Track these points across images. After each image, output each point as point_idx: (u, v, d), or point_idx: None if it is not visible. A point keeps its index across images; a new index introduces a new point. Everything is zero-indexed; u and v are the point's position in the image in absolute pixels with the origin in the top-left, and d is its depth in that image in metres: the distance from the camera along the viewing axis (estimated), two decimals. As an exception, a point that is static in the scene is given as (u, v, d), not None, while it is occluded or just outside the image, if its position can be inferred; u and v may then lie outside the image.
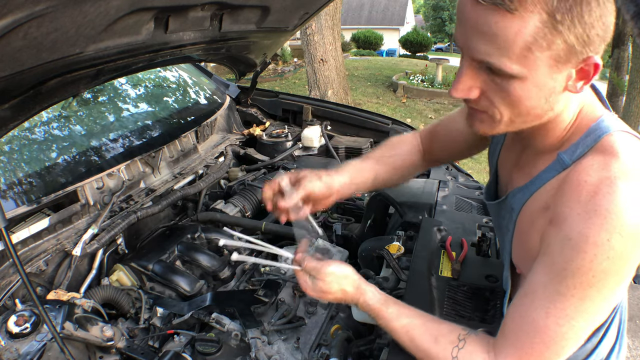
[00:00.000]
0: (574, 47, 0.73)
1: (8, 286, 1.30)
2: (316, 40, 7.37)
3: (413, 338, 0.94)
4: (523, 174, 0.94)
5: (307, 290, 1.07)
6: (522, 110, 0.80)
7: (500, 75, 0.77)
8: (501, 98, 0.80)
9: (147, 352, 1.27)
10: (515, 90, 0.77)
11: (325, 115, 2.66)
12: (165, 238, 1.71)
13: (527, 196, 0.90)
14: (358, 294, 1.04)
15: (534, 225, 0.87)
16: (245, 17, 1.61)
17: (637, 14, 0.78)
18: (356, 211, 2.07)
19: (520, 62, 0.74)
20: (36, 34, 0.91)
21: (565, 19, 0.70)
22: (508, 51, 0.73)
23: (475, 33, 0.75)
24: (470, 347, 0.88)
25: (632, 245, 0.74)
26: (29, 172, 1.59)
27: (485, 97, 0.81)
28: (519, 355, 0.83)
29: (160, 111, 2.35)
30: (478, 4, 0.72)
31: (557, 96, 0.79)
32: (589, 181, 0.76)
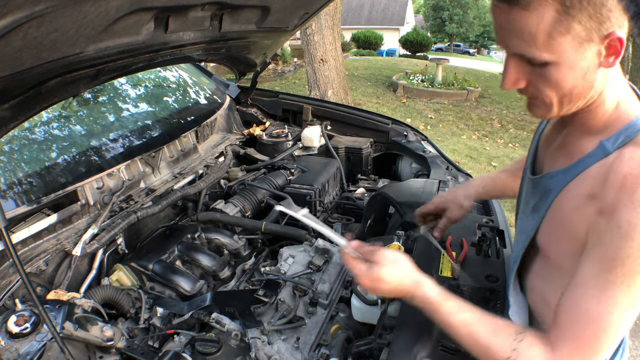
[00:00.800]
0: (590, 27, 0.80)
1: (8, 286, 1.30)
2: (316, 40, 7.37)
3: (472, 332, 0.94)
4: (564, 155, 0.98)
5: (360, 278, 1.01)
6: (565, 92, 0.87)
7: (536, 64, 0.85)
8: (544, 84, 0.88)
9: (147, 352, 1.27)
10: (552, 74, 0.85)
11: (325, 115, 2.66)
12: (165, 238, 1.71)
13: (567, 179, 0.93)
14: (415, 286, 1.01)
15: (578, 211, 0.89)
16: (245, 17, 1.61)
17: (637, 13, 0.82)
18: (356, 211, 2.07)
19: (547, 50, 0.82)
20: (36, 34, 0.91)
21: (574, 3, 0.77)
22: (535, 42, 0.82)
23: (506, 32, 0.86)
24: (529, 339, 0.90)
25: None
26: (29, 172, 1.59)
27: (532, 86, 0.90)
28: (575, 345, 0.86)
29: (160, 111, 2.35)
30: (500, 7, 0.83)
31: (593, 74, 0.86)
32: (633, 174, 0.81)
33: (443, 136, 7.42)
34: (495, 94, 11.10)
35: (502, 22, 0.85)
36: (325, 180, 2.11)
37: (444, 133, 7.65)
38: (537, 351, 0.88)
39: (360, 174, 2.45)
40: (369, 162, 2.48)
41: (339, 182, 2.31)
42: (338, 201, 2.15)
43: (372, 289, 1.02)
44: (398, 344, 1.07)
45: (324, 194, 2.10)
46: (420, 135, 2.52)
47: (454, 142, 7.03)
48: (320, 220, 1.33)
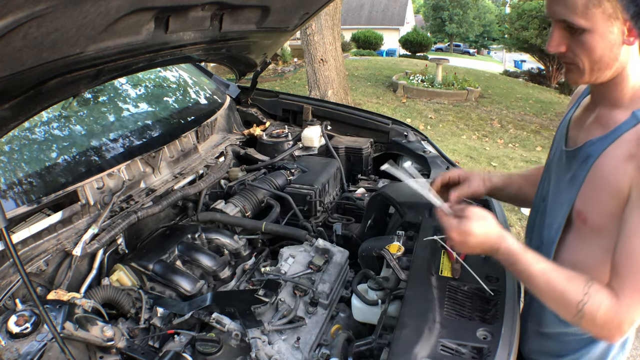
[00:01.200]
0: (616, 5, 0.93)
1: (8, 286, 1.30)
2: (316, 40, 7.36)
3: (549, 280, 1.02)
4: (600, 127, 1.08)
5: (451, 232, 1.10)
6: (595, 58, 1.01)
7: (575, 30, 0.99)
8: (580, 49, 1.01)
9: (147, 352, 1.27)
10: (587, 40, 0.99)
11: (326, 115, 2.66)
12: (166, 238, 1.71)
13: (605, 145, 1.03)
14: (500, 239, 1.08)
15: (619, 170, 1.00)
16: (246, 17, 1.61)
17: (637, 14, 0.89)
18: (356, 211, 2.07)
19: (584, 17, 0.97)
20: (36, 34, 0.91)
21: None
22: (575, 9, 0.97)
23: (553, 1, 1.01)
24: (597, 285, 0.99)
25: None
26: (29, 172, 1.59)
27: (570, 51, 1.04)
28: (636, 288, 0.95)
29: (161, 111, 2.35)
30: None
31: (618, 48, 0.99)
32: None
33: (443, 136, 7.42)
34: (495, 94, 11.10)
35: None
36: (325, 180, 2.11)
37: (444, 133, 7.65)
38: (604, 295, 0.97)
39: (360, 174, 2.45)
40: (369, 162, 2.48)
41: (339, 182, 2.31)
42: (338, 201, 2.15)
43: (460, 243, 1.10)
44: (398, 344, 1.07)
45: (324, 194, 2.10)
46: (420, 135, 2.52)
47: (454, 142, 7.03)
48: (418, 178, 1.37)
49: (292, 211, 1.95)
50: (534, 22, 20.67)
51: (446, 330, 1.11)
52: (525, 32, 20.84)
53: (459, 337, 1.09)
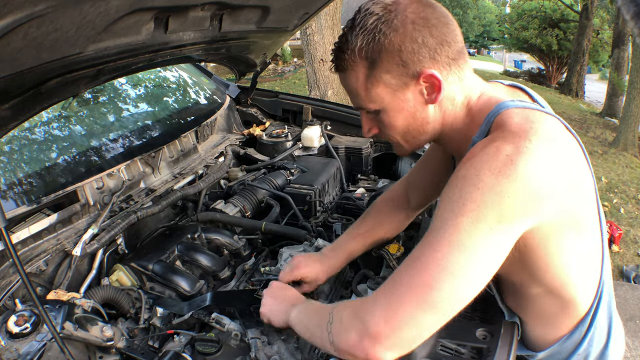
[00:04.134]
0: (398, 73, 0.94)
1: (8, 286, 1.30)
2: (316, 40, 7.36)
3: (304, 318, 1.11)
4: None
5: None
6: (401, 130, 1.02)
7: (373, 113, 1.02)
8: (385, 128, 1.04)
9: (147, 352, 1.27)
10: (384, 119, 1.01)
11: (326, 115, 2.66)
12: (165, 238, 1.71)
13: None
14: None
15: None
16: (245, 17, 1.61)
17: (637, 14, 0.84)
18: (356, 211, 2.07)
19: (372, 101, 0.99)
20: (36, 34, 0.91)
21: (377, 58, 0.93)
22: (361, 96, 1.00)
23: (347, 92, 1.05)
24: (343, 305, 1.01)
25: (505, 181, 0.82)
26: (29, 172, 1.59)
27: (380, 131, 1.06)
28: (391, 294, 0.89)
29: (160, 111, 2.35)
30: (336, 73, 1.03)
31: (424, 111, 0.99)
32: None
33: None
34: (495, 94, 11.07)
35: (342, 84, 1.04)
36: (325, 180, 2.11)
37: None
38: (347, 305, 1.00)
39: (360, 174, 2.45)
40: (369, 162, 2.48)
41: (339, 182, 2.31)
42: (338, 201, 2.15)
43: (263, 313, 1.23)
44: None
45: (324, 194, 2.10)
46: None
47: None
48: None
49: (291, 211, 1.95)
50: (534, 22, 20.68)
51: (445, 330, 1.10)
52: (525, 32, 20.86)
53: (459, 337, 1.09)
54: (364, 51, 0.94)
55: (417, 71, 0.93)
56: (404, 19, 0.91)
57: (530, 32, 20.55)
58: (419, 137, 1.04)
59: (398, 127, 1.02)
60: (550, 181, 0.86)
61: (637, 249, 5.09)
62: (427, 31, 0.92)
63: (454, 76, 0.97)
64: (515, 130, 0.87)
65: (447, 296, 0.84)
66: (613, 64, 13.69)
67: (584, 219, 0.97)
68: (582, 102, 16.07)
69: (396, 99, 0.97)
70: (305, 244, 1.68)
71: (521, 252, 0.94)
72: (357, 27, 0.95)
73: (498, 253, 0.86)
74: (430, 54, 0.92)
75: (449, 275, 0.83)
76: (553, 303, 1.06)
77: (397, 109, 0.99)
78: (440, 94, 0.95)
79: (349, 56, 0.97)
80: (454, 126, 1.03)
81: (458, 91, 1.00)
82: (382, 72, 0.95)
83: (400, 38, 0.91)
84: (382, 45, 0.92)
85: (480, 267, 0.84)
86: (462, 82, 0.99)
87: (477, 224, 0.82)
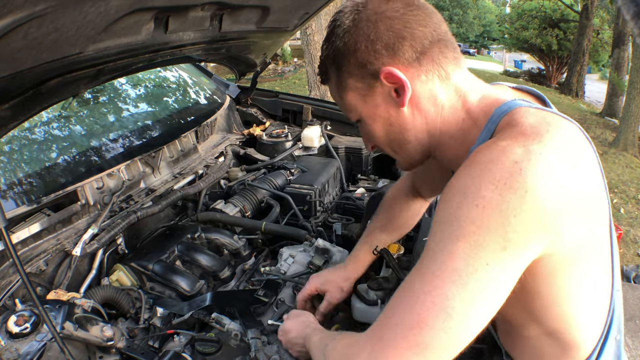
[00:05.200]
0: (359, 74, 0.88)
1: (8, 286, 1.30)
2: (316, 40, 7.37)
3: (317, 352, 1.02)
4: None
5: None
6: (384, 140, 0.95)
7: (356, 124, 0.98)
8: (372, 138, 0.97)
9: (147, 352, 1.27)
10: (364, 129, 0.97)
11: (325, 115, 2.66)
12: (165, 238, 1.71)
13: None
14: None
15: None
16: (245, 17, 1.61)
17: (637, 14, 0.82)
18: (356, 211, 2.07)
19: (348, 110, 0.95)
20: (36, 34, 0.91)
21: (339, 63, 0.89)
22: (341, 106, 0.96)
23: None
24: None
25: (512, 197, 0.67)
26: (29, 172, 1.59)
27: (375, 145, 0.99)
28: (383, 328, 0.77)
29: (160, 111, 2.35)
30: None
31: (399, 116, 0.89)
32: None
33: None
34: (495, 94, 11.07)
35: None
36: (325, 180, 2.11)
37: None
38: (342, 337, 0.93)
39: (360, 174, 2.45)
40: (369, 162, 2.48)
41: (339, 182, 2.31)
42: (338, 201, 2.15)
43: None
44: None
45: (324, 194, 2.10)
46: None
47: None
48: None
49: (291, 211, 1.95)
50: (534, 22, 20.69)
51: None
52: (525, 32, 20.86)
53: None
54: (330, 58, 0.91)
55: (375, 70, 0.85)
56: (357, 18, 0.85)
57: (530, 32, 20.56)
58: (404, 147, 0.94)
59: (379, 137, 0.94)
60: (565, 198, 0.70)
61: (637, 249, 5.09)
62: (383, 25, 0.83)
63: (428, 74, 0.86)
64: (527, 132, 0.73)
65: (441, 337, 0.70)
66: (613, 64, 13.69)
67: (598, 244, 0.82)
68: (582, 102, 16.07)
69: (368, 105, 0.91)
70: (305, 244, 1.68)
71: (523, 286, 0.77)
72: (325, 38, 0.93)
73: (502, 287, 0.72)
74: (387, 50, 0.83)
75: (442, 314, 0.69)
76: (552, 345, 0.90)
77: (372, 117, 0.92)
78: (406, 93, 0.85)
79: (322, 66, 0.95)
80: (445, 132, 0.90)
81: (440, 90, 0.88)
82: (347, 76, 0.90)
83: (354, 38, 0.85)
84: (339, 49, 0.88)
85: (480, 304, 0.71)
86: (445, 80, 0.88)
87: (477, 252, 0.68)
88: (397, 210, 1.43)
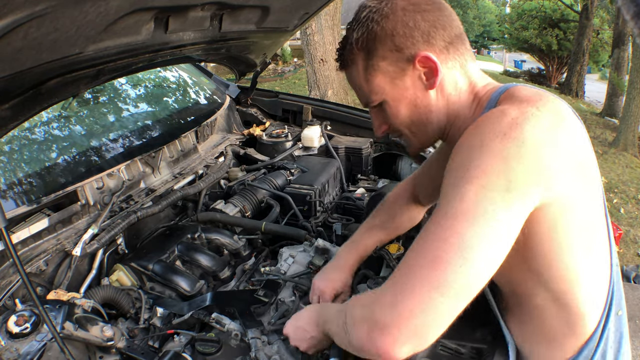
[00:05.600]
0: (394, 58, 0.94)
1: (8, 286, 1.30)
2: (316, 40, 7.36)
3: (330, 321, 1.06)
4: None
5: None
6: (406, 120, 1.01)
7: (379, 107, 1.02)
8: (393, 121, 1.02)
9: (147, 352, 1.27)
10: (390, 110, 1.00)
11: (326, 115, 2.66)
12: (165, 238, 1.71)
13: None
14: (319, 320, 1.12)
15: None
16: (245, 17, 1.61)
17: (637, 14, 0.83)
18: (356, 211, 2.07)
19: (373, 92, 0.99)
20: (36, 34, 0.91)
21: (371, 45, 0.95)
22: (364, 89, 1.01)
23: (353, 89, 1.06)
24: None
25: (511, 145, 0.77)
26: (29, 172, 1.59)
27: (389, 126, 1.05)
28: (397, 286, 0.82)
29: (160, 111, 2.35)
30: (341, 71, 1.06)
31: (425, 98, 0.97)
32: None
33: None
34: (495, 94, 11.07)
35: (349, 83, 1.05)
36: (325, 180, 2.11)
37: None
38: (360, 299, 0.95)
39: (360, 174, 2.45)
40: (369, 162, 2.48)
41: (339, 182, 2.31)
42: (338, 201, 2.15)
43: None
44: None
45: (324, 194, 2.10)
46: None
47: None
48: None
49: (291, 211, 1.95)
50: (534, 22, 20.69)
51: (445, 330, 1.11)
52: (525, 32, 20.86)
53: (459, 337, 1.08)
54: (359, 42, 0.97)
55: (411, 54, 0.93)
56: (394, 6, 0.94)
57: (530, 32, 20.56)
58: (424, 128, 1.01)
59: (402, 117, 1.00)
60: (559, 153, 0.80)
61: (637, 249, 5.09)
62: (419, 15, 0.93)
63: (453, 61, 0.96)
64: (523, 99, 0.85)
65: (458, 273, 0.75)
66: (613, 64, 13.69)
67: (592, 202, 0.89)
68: (582, 102, 16.07)
69: (396, 87, 0.97)
70: (305, 244, 1.68)
71: (527, 242, 0.85)
72: (354, 22, 0.99)
73: (510, 225, 0.78)
74: (423, 37, 0.93)
75: (457, 250, 0.75)
76: (559, 317, 0.94)
77: (399, 98, 0.98)
78: (438, 77, 0.94)
79: (348, 51, 1.00)
80: (461, 115, 1.00)
81: (460, 76, 0.98)
82: (378, 60, 0.96)
83: (392, 24, 0.93)
84: (375, 33, 0.94)
85: (491, 239, 0.76)
86: (463, 68, 0.98)
87: (485, 192, 0.76)
88: (398, 211, 1.45)
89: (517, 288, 0.98)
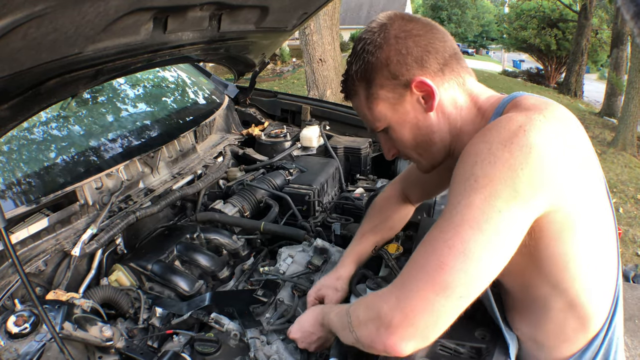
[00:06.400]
0: (392, 85, 0.99)
1: (7, 286, 1.30)
2: (315, 40, 7.36)
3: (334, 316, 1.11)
4: None
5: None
6: (411, 143, 1.05)
7: (384, 132, 1.06)
8: (399, 145, 1.07)
9: (146, 352, 1.27)
10: (394, 134, 1.05)
11: (324, 115, 2.66)
12: (164, 238, 1.71)
13: None
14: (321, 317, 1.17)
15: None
16: (244, 17, 1.61)
17: (637, 14, 0.83)
18: (355, 211, 2.07)
19: (377, 119, 1.04)
20: (35, 35, 0.91)
21: (370, 75, 1.00)
22: (368, 117, 1.05)
23: (360, 118, 1.11)
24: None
25: (518, 153, 0.79)
26: (28, 172, 1.59)
27: (399, 151, 1.10)
28: (404, 284, 0.87)
29: (159, 111, 2.35)
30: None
31: (426, 120, 1.01)
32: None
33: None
34: (493, 93, 11.09)
35: (355, 111, 1.11)
36: (324, 180, 2.11)
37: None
38: (365, 297, 1.01)
39: (359, 173, 2.45)
40: (367, 162, 2.48)
41: (338, 182, 2.31)
42: (337, 201, 2.15)
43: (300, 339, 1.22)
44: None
45: (323, 194, 2.11)
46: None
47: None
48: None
49: (290, 211, 1.95)
50: (532, 21, 20.72)
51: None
52: (524, 32, 20.90)
53: (458, 336, 1.09)
54: (358, 74, 1.02)
55: (407, 80, 0.97)
56: (386, 35, 0.98)
57: (528, 32, 20.59)
58: (430, 149, 1.05)
59: (407, 141, 1.05)
60: (565, 159, 0.82)
61: (635, 248, 5.10)
62: (411, 41, 0.97)
63: (450, 81, 1.00)
64: (529, 107, 0.88)
65: (461, 277, 0.80)
66: (612, 64, 13.71)
67: (599, 206, 0.92)
68: (580, 101, 16.10)
69: (397, 113, 1.01)
70: (304, 244, 1.68)
71: (537, 247, 0.88)
72: (352, 55, 1.04)
73: (514, 233, 0.81)
74: (417, 62, 0.96)
75: (461, 255, 0.79)
76: (573, 317, 0.98)
77: (401, 123, 1.02)
78: (435, 99, 0.97)
79: (350, 82, 1.05)
80: (464, 131, 1.02)
81: (459, 95, 1.02)
82: (377, 88, 1.00)
83: (386, 53, 0.97)
84: (371, 63, 0.99)
85: (495, 247, 0.80)
86: (462, 86, 1.02)
87: (491, 201, 0.79)
88: (389, 212, 1.49)
89: (529, 290, 1.01)
